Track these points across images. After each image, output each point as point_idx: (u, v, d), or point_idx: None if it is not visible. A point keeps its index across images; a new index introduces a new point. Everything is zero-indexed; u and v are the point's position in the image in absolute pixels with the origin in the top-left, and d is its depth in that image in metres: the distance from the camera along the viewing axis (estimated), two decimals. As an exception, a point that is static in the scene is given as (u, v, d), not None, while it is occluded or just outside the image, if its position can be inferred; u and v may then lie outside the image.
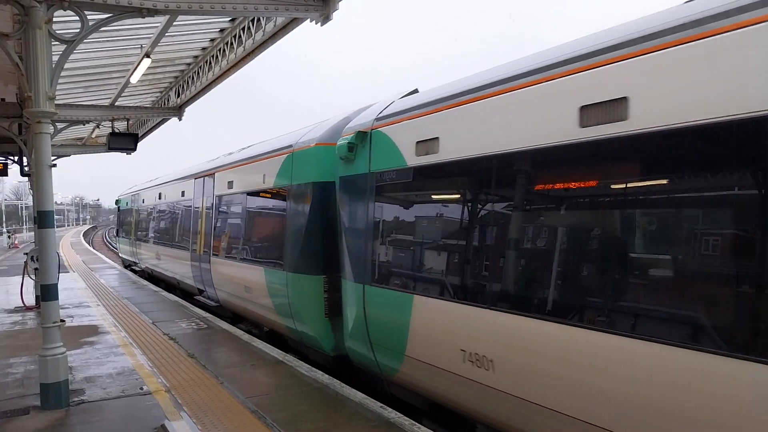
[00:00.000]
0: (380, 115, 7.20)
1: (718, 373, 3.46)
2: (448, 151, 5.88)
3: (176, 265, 16.91)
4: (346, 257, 7.72)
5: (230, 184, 12.39)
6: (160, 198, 19.46)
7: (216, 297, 13.46)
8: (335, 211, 8.12)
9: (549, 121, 4.72)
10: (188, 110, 15.27)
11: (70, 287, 18.51)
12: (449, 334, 5.74)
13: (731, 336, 3.49)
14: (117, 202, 30.22)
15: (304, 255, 8.79)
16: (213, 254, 13.01)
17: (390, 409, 6.61)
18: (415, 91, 7.54)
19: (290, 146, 9.52)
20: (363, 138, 7.35)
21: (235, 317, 13.03)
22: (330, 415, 6.49)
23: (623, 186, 4.27)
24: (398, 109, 6.94)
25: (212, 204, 13.45)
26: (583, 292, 4.51)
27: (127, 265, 27.35)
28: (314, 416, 6.47)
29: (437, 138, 6.07)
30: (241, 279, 11.37)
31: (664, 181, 4.04)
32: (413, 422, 6.22)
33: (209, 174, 13.93)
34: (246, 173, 11.56)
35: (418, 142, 6.37)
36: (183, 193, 16.28)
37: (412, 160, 6.43)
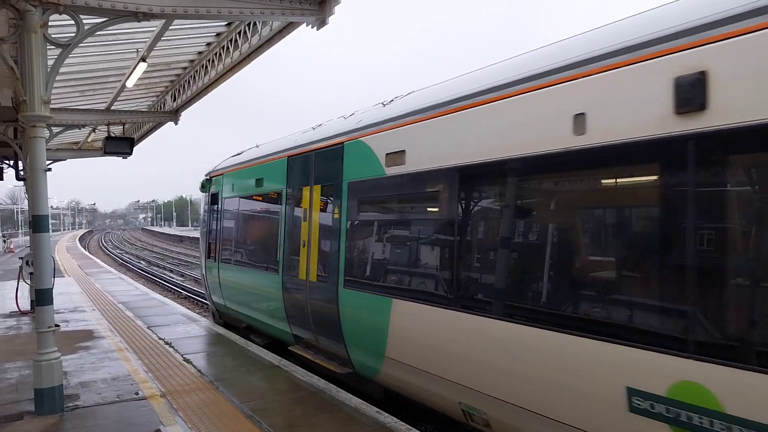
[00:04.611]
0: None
1: None
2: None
3: None
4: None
5: None
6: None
7: None
8: None
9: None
10: (183, 114, 15.24)
11: (65, 292, 18.44)
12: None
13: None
14: (206, 186, 13.90)
15: None
16: None
17: (386, 414, 6.60)
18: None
19: None
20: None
21: None
22: (326, 420, 6.46)
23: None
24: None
25: None
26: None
27: (242, 327, 12.27)
28: (310, 421, 6.45)
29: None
30: None
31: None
32: (409, 427, 6.22)
33: None
34: None
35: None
36: None
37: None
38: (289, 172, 9.56)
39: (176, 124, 15.54)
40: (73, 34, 6.90)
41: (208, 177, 13.97)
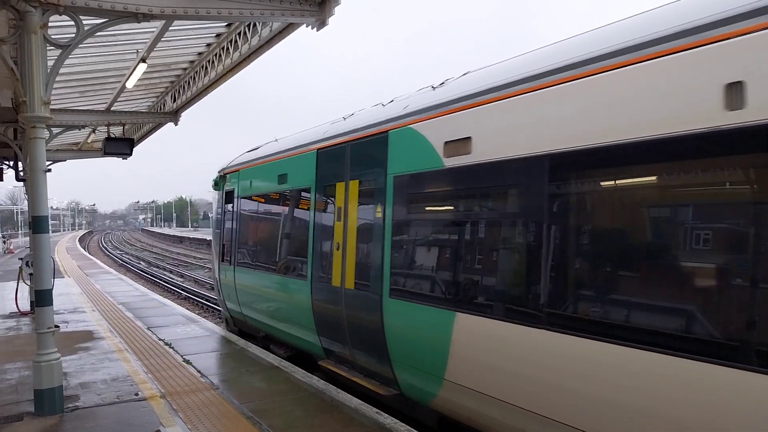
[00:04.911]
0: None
1: None
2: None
3: None
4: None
5: None
6: None
7: None
8: None
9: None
10: (183, 115, 15.25)
11: (65, 292, 18.43)
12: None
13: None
14: (220, 183, 12.89)
15: None
16: None
17: (386, 415, 6.59)
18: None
19: None
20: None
21: None
22: (326, 421, 6.46)
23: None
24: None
25: None
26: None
27: (260, 336, 11.34)
28: (310, 422, 6.44)
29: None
30: None
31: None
32: (410, 429, 6.20)
33: None
34: None
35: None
36: None
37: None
38: (318, 167, 8.46)
39: (176, 124, 15.55)
40: (73, 35, 6.90)
41: (221, 174, 12.68)
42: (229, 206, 12.15)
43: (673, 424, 3.76)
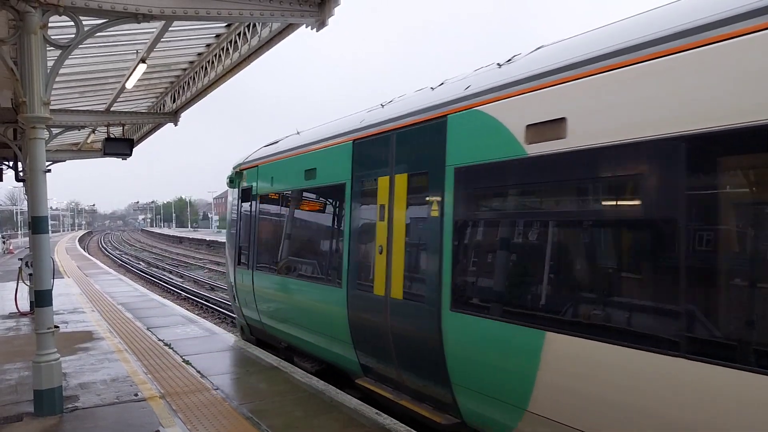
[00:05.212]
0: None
1: None
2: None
3: None
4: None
5: None
6: None
7: None
8: None
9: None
10: (183, 115, 15.25)
11: (65, 293, 18.43)
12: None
13: None
14: (236, 180, 11.81)
15: None
16: None
17: (385, 416, 6.59)
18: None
19: None
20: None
21: None
22: (325, 422, 6.46)
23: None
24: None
25: None
26: None
27: (282, 347, 10.34)
28: (309, 422, 6.45)
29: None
30: None
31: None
32: (409, 429, 6.21)
33: None
34: None
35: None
36: None
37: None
38: (355, 160, 7.51)
39: (176, 125, 15.56)
40: (73, 36, 6.90)
41: (238, 170, 11.62)
42: (247, 205, 11.14)
43: None
